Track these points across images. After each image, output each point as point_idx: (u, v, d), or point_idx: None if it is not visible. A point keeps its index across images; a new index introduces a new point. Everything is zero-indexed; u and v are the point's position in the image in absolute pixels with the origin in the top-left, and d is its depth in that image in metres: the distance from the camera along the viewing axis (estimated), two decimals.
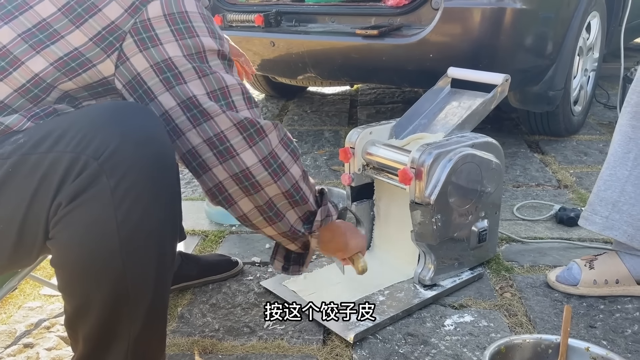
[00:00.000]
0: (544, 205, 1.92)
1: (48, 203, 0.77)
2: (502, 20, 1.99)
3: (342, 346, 1.24)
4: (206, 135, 0.87)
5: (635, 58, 3.24)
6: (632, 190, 1.35)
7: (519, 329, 1.30)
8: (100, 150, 0.76)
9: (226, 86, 0.89)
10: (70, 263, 0.80)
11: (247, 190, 0.92)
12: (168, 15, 0.84)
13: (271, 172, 0.92)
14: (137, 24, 0.83)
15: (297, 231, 1.02)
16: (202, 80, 0.87)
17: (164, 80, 0.85)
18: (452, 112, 1.57)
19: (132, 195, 0.78)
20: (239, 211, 0.95)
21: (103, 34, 0.83)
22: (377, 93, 3.51)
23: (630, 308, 1.36)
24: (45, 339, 1.29)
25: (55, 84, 0.84)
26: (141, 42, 0.83)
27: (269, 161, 0.92)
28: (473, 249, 1.49)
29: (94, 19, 0.82)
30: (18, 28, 0.83)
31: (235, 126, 0.88)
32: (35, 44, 0.82)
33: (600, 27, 2.62)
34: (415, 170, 1.33)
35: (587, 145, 2.53)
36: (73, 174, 0.76)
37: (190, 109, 0.86)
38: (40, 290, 1.50)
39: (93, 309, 0.82)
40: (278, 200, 0.96)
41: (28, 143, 0.79)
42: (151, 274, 0.84)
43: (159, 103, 0.86)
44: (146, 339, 0.87)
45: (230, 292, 1.47)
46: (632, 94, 1.35)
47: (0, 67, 0.82)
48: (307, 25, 2.38)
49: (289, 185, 0.96)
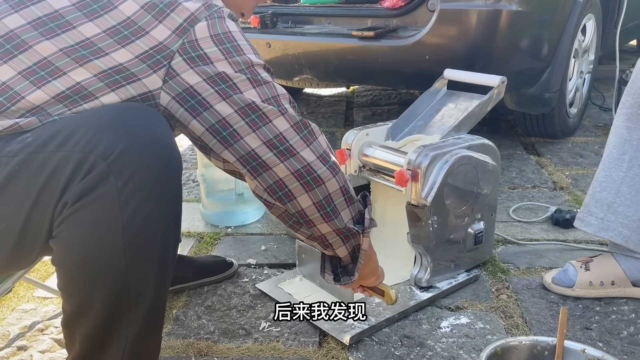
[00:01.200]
0: (539, 207, 1.92)
1: (54, 202, 0.78)
2: (498, 22, 1.99)
3: (338, 348, 1.24)
4: (266, 138, 0.91)
5: (630, 60, 3.25)
6: (627, 192, 1.35)
7: (515, 330, 1.29)
8: (109, 151, 0.77)
9: (278, 94, 0.93)
10: (72, 262, 0.81)
11: (309, 185, 0.95)
12: (214, 35, 0.88)
13: (329, 168, 0.97)
14: (185, 44, 0.86)
15: (351, 228, 1.04)
16: (257, 89, 0.91)
17: (220, 91, 0.88)
18: (448, 113, 1.57)
19: (138, 197, 0.79)
20: (298, 206, 0.97)
21: (150, 52, 0.85)
22: (374, 95, 3.51)
23: (626, 310, 1.36)
24: (39, 342, 1.29)
25: (97, 94, 0.85)
26: (191, 60, 0.87)
27: (325, 158, 0.97)
28: (469, 250, 1.48)
29: (141, 40, 0.85)
30: (60, 43, 0.84)
31: (293, 127, 0.93)
32: (79, 58, 0.84)
33: (595, 29, 2.63)
34: (412, 172, 1.33)
35: (583, 147, 2.54)
36: (81, 174, 0.77)
37: (248, 114, 0.90)
38: (34, 292, 1.49)
39: (93, 309, 0.83)
40: (336, 197, 1.00)
41: (36, 142, 0.80)
42: (152, 275, 0.84)
43: (214, 111, 0.89)
44: (143, 341, 0.88)
45: (226, 294, 1.46)
46: (627, 95, 1.35)
47: (40, 76, 0.84)
48: (303, 27, 2.38)
49: (343, 181, 1.00)
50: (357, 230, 1.04)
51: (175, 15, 0.87)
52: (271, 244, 1.72)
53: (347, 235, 1.04)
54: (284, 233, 1.79)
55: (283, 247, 1.70)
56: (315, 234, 1.03)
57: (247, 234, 1.80)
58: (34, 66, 0.84)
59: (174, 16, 0.87)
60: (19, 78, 0.83)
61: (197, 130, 0.90)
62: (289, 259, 1.63)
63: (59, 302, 1.45)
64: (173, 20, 0.86)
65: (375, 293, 1.22)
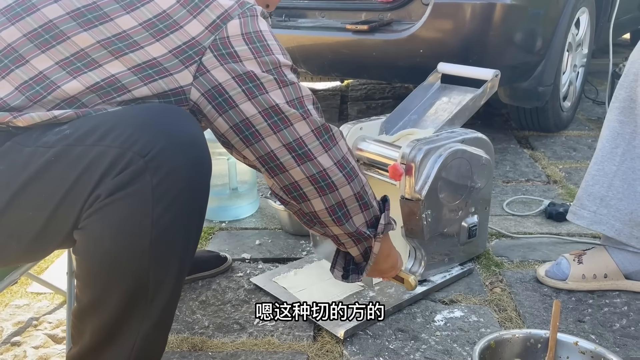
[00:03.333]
0: (533, 200, 1.93)
1: (86, 194, 0.79)
2: (492, 16, 1.99)
3: (333, 342, 1.24)
4: (286, 140, 0.93)
5: (623, 54, 3.26)
6: (619, 185, 1.36)
7: (508, 323, 1.30)
8: (147, 149, 0.79)
9: (302, 96, 0.95)
10: (98, 254, 0.81)
11: (323, 190, 0.98)
12: (246, 34, 0.90)
13: (345, 174, 0.99)
14: (217, 40, 0.88)
15: (363, 232, 1.06)
16: (283, 90, 0.92)
17: (246, 90, 0.90)
18: (442, 107, 1.57)
19: (170, 196, 0.80)
20: (311, 208, 1.00)
21: (183, 47, 0.87)
22: (368, 89, 3.51)
23: (618, 302, 1.37)
24: (33, 337, 1.28)
25: (130, 87, 0.86)
26: (221, 57, 0.88)
27: (342, 164, 0.98)
28: (463, 244, 1.49)
29: (175, 34, 0.86)
30: (97, 35, 0.85)
31: (313, 132, 0.95)
32: (115, 51, 0.85)
33: (589, 23, 2.63)
34: (406, 166, 1.33)
35: (576, 141, 2.55)
36: (117, 169, 0.78)
37: (271, 116, 0.92)
38: (28, 288, 1.49)
39: (110, 302, 0.83)
40: (350, 203, 1.02)
41: (73, 135, 0.81)
42: (172, 274, 0.86)
43: (239, 110, 0.91)
44: (153, 338, 0.89)
45: (220, 288, 1.46)
46: (620, 89, 1.36)
47: (76, 67, 0.85)
48: (297, 21, 2.37)
49: (359, 187, 1.02)
50: (368, 234, 1.06)
51: (209, 11, 0.88)
52: (265, 238, 1.72)
53: (358, 238, 1.07)
54: (278, 228, 1.78)
55: (277, 241, 1.70)
56: (328, 233, 1.07)
57: (241, 228, 1.79)
58: (71, 57, 0.85)
59: (208, 12, 0.88)
60: (56, 68, 0.84)
61: (222, 127, 0.92)
62: (284, 254, 1.63)
63: (52, 297, 1.45)
64: (207, 16, 0.88)
65: (396, 280, 1.29)
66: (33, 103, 0.84)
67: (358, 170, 1.03)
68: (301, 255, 1.61)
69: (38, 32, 0.85)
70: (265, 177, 1.00)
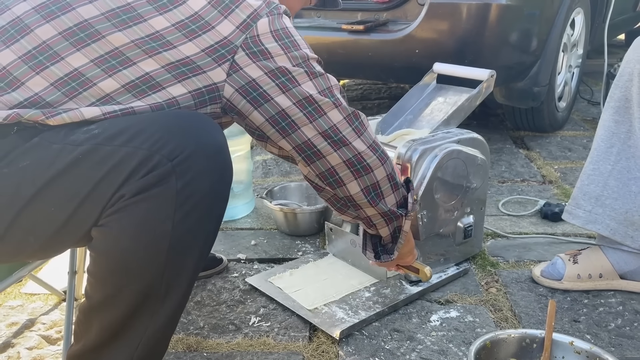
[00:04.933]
0: (528, 200, 1.93)
1: (110, 193, 0.80)
2: (488, 16, 1.99)
3: (328, 342, 1.24)
4: (321, 128, 0.97)
5: (618, 54, 3.27)
6: (615, 185, 1.36)
7: (504, 323, 1.30)
8: (175, 153, 0.81)
9: (332, 85, 0.99)
10: (116, 251, 0.82)
11: (359, 172, 1.02)
12: (274, 31, 0.93)
13: (378, 157, 1.03)
14: (248, 39, 0.91)
15: (395, 211, 1.10)
16: (313, 81, 0.96)
17: (280, 84, 0.93)
18: (437, 107, 1.57)
19: (192, 201, 0.82)
20: (347, 192, 1.05)
21: (215, 47, 0.89)
22: (364, 89, 3.51)
23: (613, 302, 1.38)
24: (27, 338, 1.27)
25: (165, 84, 0.88)
26: (253, 55, 0.91)
27: (374, 147, 1.03)
28: (459, 244, 1.49)
29: (207, 34, 0.89)
30: (131, 35, 0.87)
31: (345, 119, 0.99)
32: (149, 50, 0.87)
33: (584, 23, 2.64)
34: (401, 166, 1.33)
35: (572, 141, 2.56)
36: (144, 170, 0.80)
37: (305, 107, 0.95)
38: (21, 289, 1.48)
39: (122, 300, 0.84)
40: (383, 184, 1.06)
41: (102, 135, 0.82)
42: (186, 278, 0.87)
43: (275, 103, 0.94)
44: (158, 337, 0.90)
45: (216, 289, 1.46)
46: (615, 89, 1.36)
47: (111, 64, 0.86)
48: (293, 20, 2.36)
49: (390, 169, 1.07)
50: (400, 213, 1.11)
51: (240, 11, 0.91)
52: (261, 238, 1.72)
53: (390, 218, 1.11)
54: (273, 228, 1.78)
55: (273, 241, 1.70)
56: (361, 215, 1.10)
57: (236, 228, 1.79)
58: (105, 55, 0.86)
59: (238, 12, 0.91)
60: (91, 65, 0.86)
61: (257, 120, 0.95)
62: (279, 254, 1.62)
63: (46, 298, 1.44)
64: (237, 16, 0.91)
65: (410, 271, 1.31)
66: (69, 99, 0.85)
67: (387, 154, 1.07)
68: (297, 256, 1.61)
69: (73, 31, 0.86)
70: (301, 166, 1.04)
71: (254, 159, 2.37)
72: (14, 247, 0.87)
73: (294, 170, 2.26)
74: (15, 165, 0.82)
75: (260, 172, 2.26)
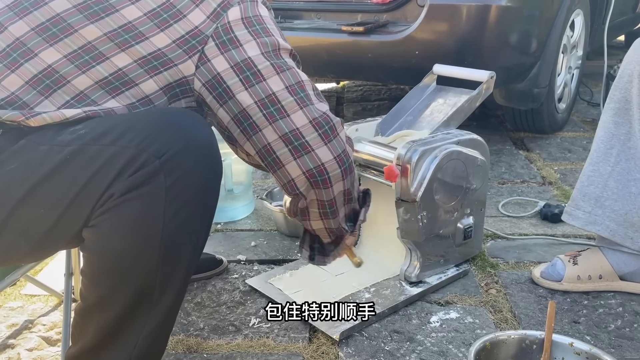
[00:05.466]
0: (528, 201, 1.93)
1: (99, 193, 0.79)
2: (487, 18, 1.99)
3: (328, 344, 1.24)
4: (282, 132, 0.91)
5: (618, 56, 3.27)
6: (614, 186, 1.36)
7: (504, 325, 1.30)
8: (163, 150, 0.79)
9: (302, 80, 0.93)
10: (108, 251, 0.82)
11: (318, 185, 0.95)
12: (245, 18, 0.91)
13: (342, 170, 0.96)
14: (219, 28, 0.89)
15: (343, 229, 1.06)
16: (281, 75, 0.91)
17: (243, 79, 0.90)
18: (437, 109, 1.57)
19: (182, 198, 0.81)
20: (304, 204, 1.00)
21: (186, 37, 0.88)
22: (364, 90, 3.51)
23: (613, 303, 1.38)
24: (27, 340, 1.27)
25: (137, 80, 0.87)
26: (222, 44, 0.89)
27: (342, 159, 0.95)
28: (458, 245, 1.49)
29: (179, 24, 0.88)
30: (104, 27, 0.86)
31: (311, 122, 0.91)
32: (121, 43, 0.86)
33: (584, 25, 2.64)
34: (401, 167, 1.33)
35: (571, 142, 2.56)
36: (132, 169, 0.79)
37: (267, 106, 0.90)
38: (22, 290, 1.48)
39: (117, 300, 0.84)
40: (339, 198, 1.00)
41: (89, 134, 0.81)
42: (179, 276, 0.86)
43: (237, 100, 0.90)
44: (155, 337, 0.89)
45: (216, 290, 1.46)
46: (615, 90, 1.36)
47: (85, 60, 0.85)
48: (293, 22, 2.36)
49: (349, 184, 1.00)
50: (347, 230, 1.09)
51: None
52: (261, 240, 1.72)
53: (335, 233, 1.08)
54: (273, 229, 1.78)
55: (273, 243, 1.70)
56: (307, 226, 1.07)
57: (236, 230, 1.79)
58: (79, 50, 0.85)
59: (209, 0, 0.89)
60: (64, 61, 0.85)
61: (224, 119, 0.93)
62: (279, 255, 1.62)
63: (46, 299, 1.44)
64: (208, 5, 0.89)
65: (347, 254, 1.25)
66: (44, 97, 0.84)
67: (353, 165, 1.01)
68: (297, 257, 1.61)
69: (46, 26, 0.85)
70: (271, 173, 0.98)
71: None
72: (5, 250, 0.86)
73: None
74: (3, 169, 0.81)
75: (260, 173, 2.26)
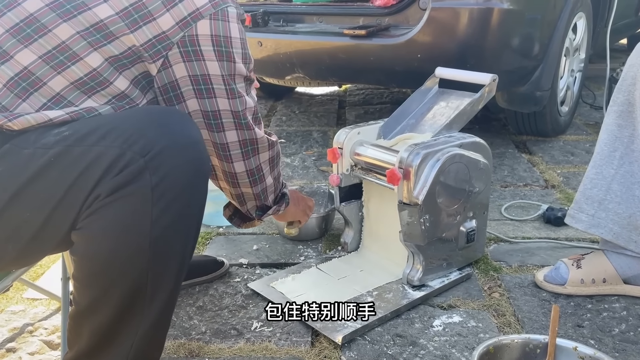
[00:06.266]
0: (531, 205, 1.93)
1: (85, 194, 0.79)
2: (489, 21, 1.99)
3: (331, 348, 1.23)
4: (214, 140, 1.04)
5: (620, 59, 3.27)
6: (618, 189, 1.35)
7: (507, 329, 1.29)
8: (147, 149, 0.80)
9: (246, 108, 1.02)
10: (97, 253, 0.82)
11: (229, 183, 1.16)
12: (215, 36, 0.93)
13: (251, 181, 1.14)
14: (185, 37, 0.91)
15: (250, 214, 1.25)
16: (230, 100, 0.99)
17: (197, 90, 0.95)
18: (440, 112, 1.57)
19: (169, 196, 0.81)
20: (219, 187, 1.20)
21: (153, 41, 0.89)
22: (366, 93, 3.51)
23: (617, 307, 1.37)
24: (28, 343, 1.27)
25: (110, 78, 0.89)
26: (186, 53, 0.92)
27: (253, 172, 1.13)
28: (461, 249, 1.48)
29: (148, 26, 0.89)
30: (77, 26, 0.86)
31: (239, 142, 1.05)
32: (94, 42, 0.87)
33: (586, 28, 2.64)
34: (403, 170, 1.33)
35: (574, 146, 2.55)
36: (117, 168, 0.79)
37: (209, 118, 1.00)
38: (23, 294, 1.48)
39: (109, 302, 0.83)
40: (248, 197, 1.20)
41: (73, 136, 0.82)
42: (171, 274, 0.86)
43: (185, 106, 0.97)
44: (151, 337, 0.89)
45: (218, 294, 1.45)
46: (618, 93, 1.36)
47: (60, 61, 0.86)
48: (295, 25, 2.37)
49: (260, 190, 1.19)
50: (254, 217, 1.26)
51: (182, 6, 0.90)
52: (263, 243, 1.71)
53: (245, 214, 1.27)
54: (275, 233, 1.78)
55: (275, 246, 1.69)
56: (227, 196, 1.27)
57: (238, 233, 1.79)
58: (53, 50, 0.86)
59: (181, 7, 0.90)
60: (39, 62, 0.85)
61: None
62: (281, 259, 1.62)
63: (48, 303, 1.44)
64: (179, 11, 0.90)
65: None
66: (22, 100, 0.84)
67: (267, 175, 1.16)
68: (299, 261, 1.60)
69: (20, 27, 0.85)
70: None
71: None
72: None
73: (296, 175, 2.26)
74: None
75: None
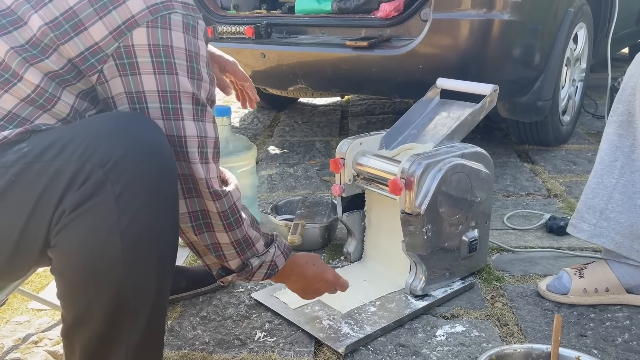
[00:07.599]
0: (534, 214, 1.93)
1: (51, 211, 0.78)
2: (490, 32, 2.01)
3: (334, 358, 1.24)
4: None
5: (622, 68, 3.27)
6: (619, 198, 1.36)
7: (510, 338, 1.29)
8: (105, 159, 0.78)
9: (184, 136, 0.91)
10: (72, 270, 0.81)
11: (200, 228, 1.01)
12: (153, 45, 0.86)
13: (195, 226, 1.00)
14: (121, 48, 0.85)
15: (211, 272, 1.14)
16: (165, 122, 0.89)
17: (131, 109, 0.89)
18: (441, 122, 1.58)
19: (135, 204, 0.79)
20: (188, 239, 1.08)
21: (85, 54, 0.85)
22: (368, 104, 3.53)
23: (620, 316, 1.37)
24: (33, 354, 1.28)
25: (57, 94, 0.87)
26: (122, 67, 0.86)
27: (197, 216, 0.98)
28: (464, 258, 1.49)
29: (79, 37, 0.84)
30: (10, 41, 0.84)
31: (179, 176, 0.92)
32: (29, 58, 0.84)
33: (587, 38, 2.65)
34: (405, 180, 1.34)
35: (576, 155, 2.55)
36: (78, 182, 0.77)
37: None
38: (28, 304, 1.49)
39: (93, 317, 0.83)
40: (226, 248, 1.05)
41: (32, 152, 0.80)
42: (152, 282, 0.84)
43: None
44: (145, 348, 0.88)
45: (221, 304, 1.46)
46: (619, 103, 1.36)
47: (5, 79, 0.85)
48: (298, 37, 2.39)
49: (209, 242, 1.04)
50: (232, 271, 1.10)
51: (116, 14, 0.84)
52: None
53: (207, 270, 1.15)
54: None
55: None
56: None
57: None
58: None
59: (114, 15, 0.84)
60: None
61: None
62: None
63: (53, 314, 1.44)
64: (113, 20, 0.84)
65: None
66: None
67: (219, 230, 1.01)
68: None
69: None
70: None
71: (259, 173, 2.38)
72: None
73: (299, 185, 2.27)
74: None
75: (266, 187, 2.27)
